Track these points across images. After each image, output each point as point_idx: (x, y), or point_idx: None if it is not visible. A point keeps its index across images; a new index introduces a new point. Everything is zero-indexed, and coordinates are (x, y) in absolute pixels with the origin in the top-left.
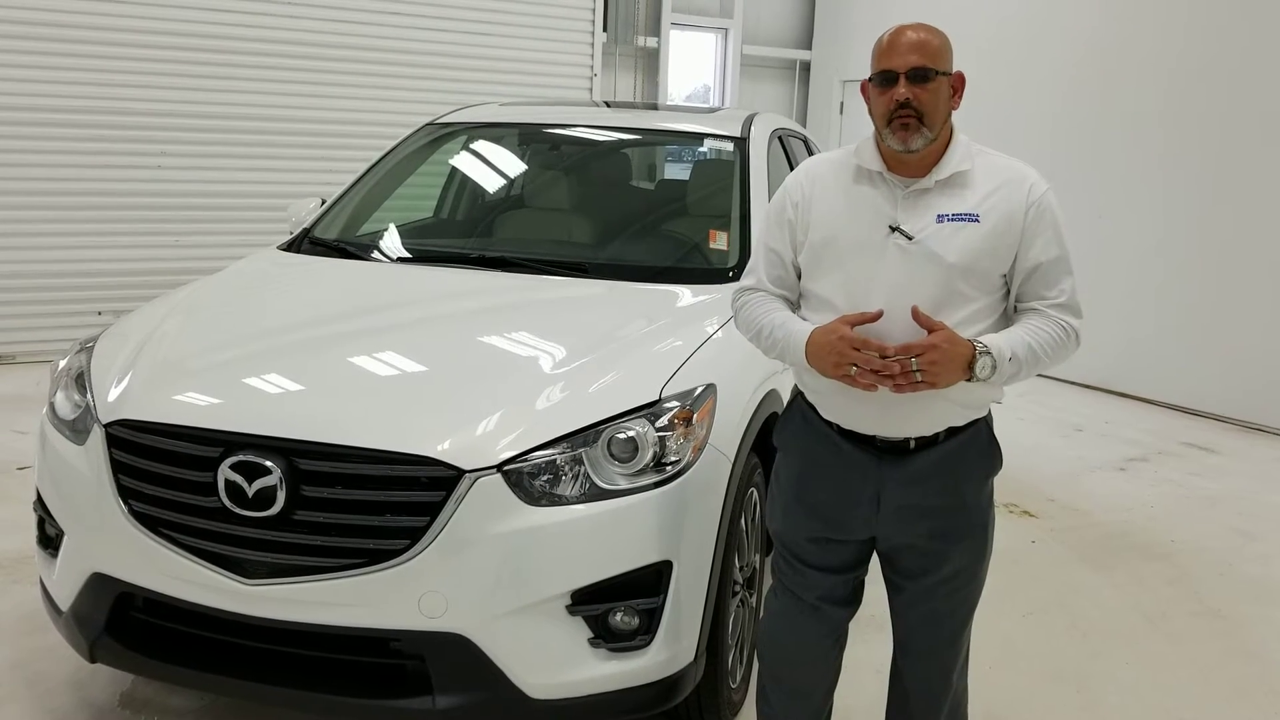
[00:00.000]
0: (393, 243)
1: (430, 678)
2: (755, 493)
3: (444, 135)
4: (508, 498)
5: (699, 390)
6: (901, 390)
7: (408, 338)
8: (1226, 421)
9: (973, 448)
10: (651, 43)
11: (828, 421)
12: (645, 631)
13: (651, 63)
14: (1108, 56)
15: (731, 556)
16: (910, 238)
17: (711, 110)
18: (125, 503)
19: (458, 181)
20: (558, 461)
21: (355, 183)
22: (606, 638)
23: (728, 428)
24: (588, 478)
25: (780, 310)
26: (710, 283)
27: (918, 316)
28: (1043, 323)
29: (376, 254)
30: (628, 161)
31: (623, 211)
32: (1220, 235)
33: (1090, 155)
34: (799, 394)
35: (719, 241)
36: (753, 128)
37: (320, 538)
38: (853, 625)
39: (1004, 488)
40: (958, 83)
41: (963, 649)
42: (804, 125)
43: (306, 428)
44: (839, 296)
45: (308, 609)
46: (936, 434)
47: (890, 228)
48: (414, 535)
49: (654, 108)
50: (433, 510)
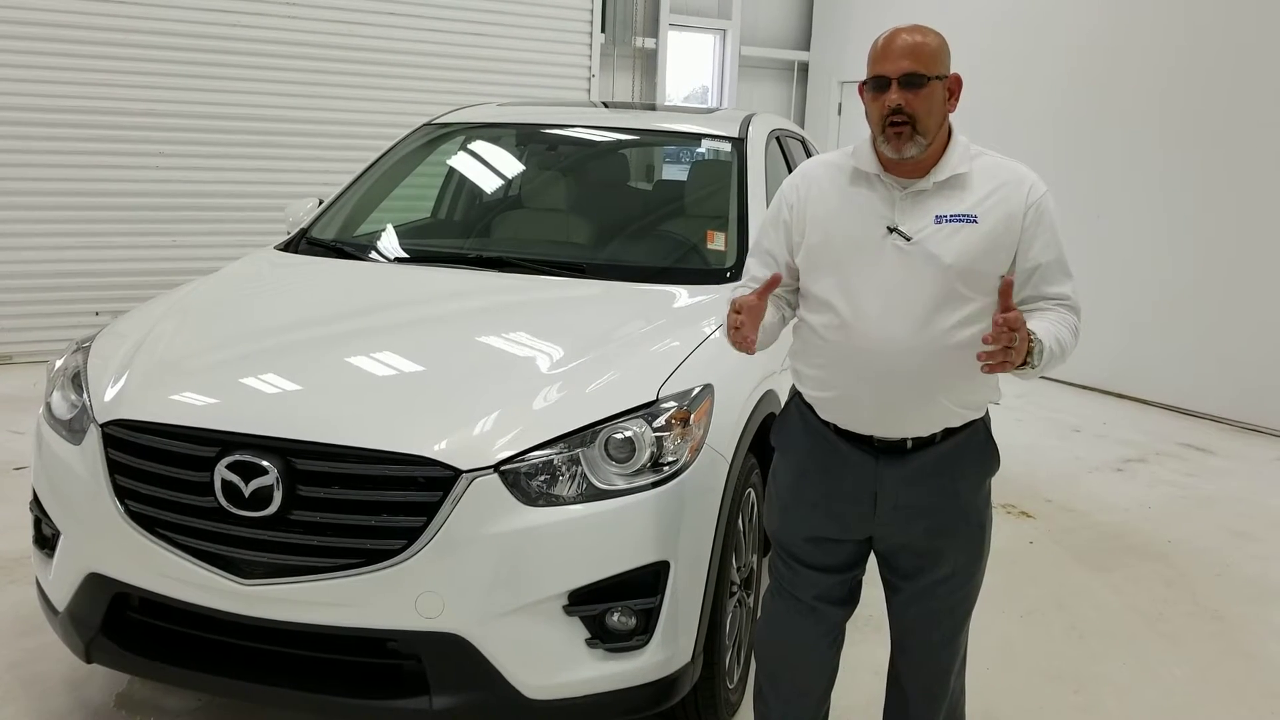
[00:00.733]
0: (390, 243)
1: (427, 678)
2: (752, 493)
3: (441, 135)
4: (505, 498)
5: (696, 391)
6: (994, 370)
7: (405, 338)
8: (1224, 422)
9: (970, 448)
10: (650, 43)
11: (825, 422)
12: (642, 632)
13: (650, 63)
14: (1106, 57)
15: (729, 557)
16: (908, 239)
17: (709, 111)
18: (121, 502)
19: (455, 182)
20: (555, 462)
21: (353, 183)
22: (603, 638)
23: (725, 428)
24: (585, 478)
25: None
26: (708, 283)
27: (1006, 290)
28: (1059, 320)
29: (374, 254)
30: (625, 162)
31: (620, 212)
32: (1218, 236)
33: (1089, 156)
34: (796, 394)
35: (716, 242)
36: (750, 128)
37: (317, 538)
38: (850, 625)
39: (1001, 488)
40: (954, 85)
41: (960, 649)
42: (802, 126)
43: (303, 428)
44: (837, 297)
45: (304, 609)
46: (934, 434)
47: (888, 229)
48: (411, 535)
49: (652, 108)
50: (429, 510)
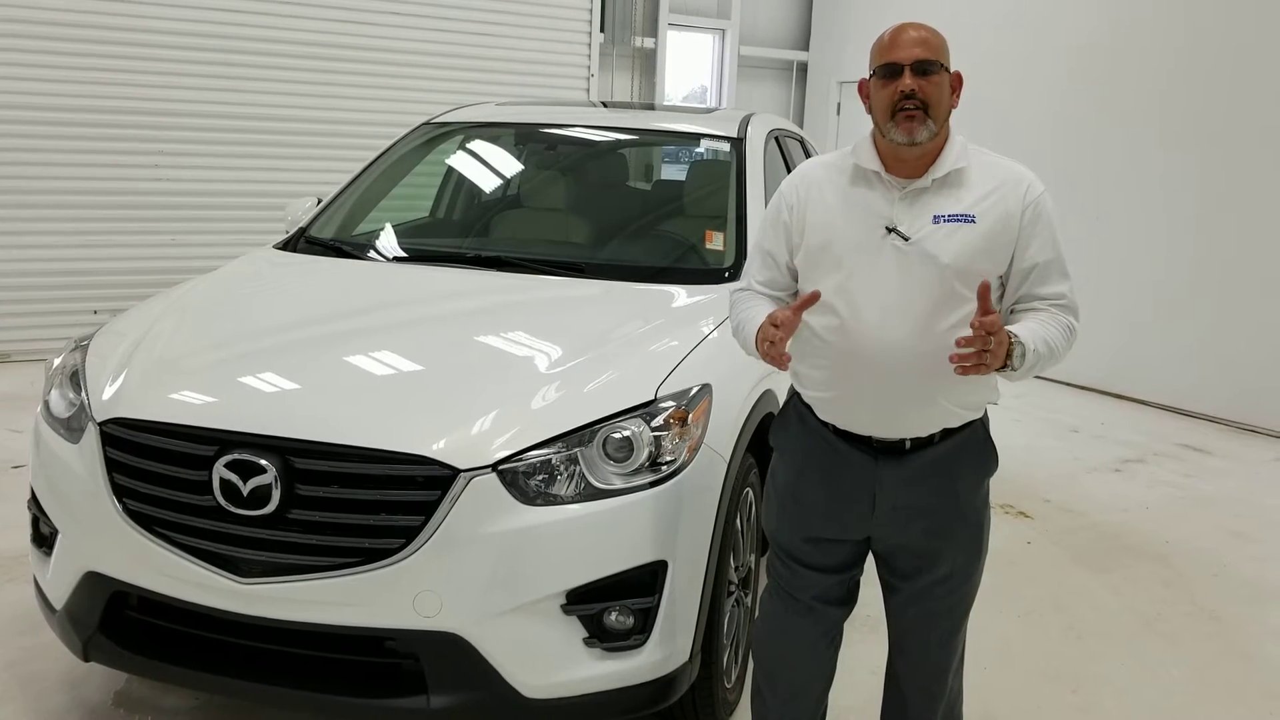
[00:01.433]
0: (389, 242)
1: (425, 677)
2: (750, 493)
3: (440, 135)
4: (503, 497)
5: (694, 390)
6: (968, 372)
7: (403, 337)
8: (1222, 423)
9: (969, 448)
10: (649, 43)
11: (824, 422)
12: (640, 631)
13: (649, 63)
14: (1106, 58)
15: (726, 556)
16: (907, 238)
17: (708, 111)
18: (120, 501)
19: (454, 181)
20: (553, 461)
21: (351, 182)
22: (601, 637)
23: (723, 428)
24: (583, 477)
25: (757, 307)
26: (706, 283)
27: (984, 293)
28: (1050, 320)
29: (372, 253)
30: (624, 162)
31: (619, 212)
32: (1217, 237)
33: (1087, 157)
34: (795, 394)
35: (715, 242)
36: (749, 128)
37: (315, 537)
38: (848, 625)
39: (1000, 489)
40: (956, 82)
41: (958, 649)
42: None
43: (302, 426)
44: (836, 298)
45: (302, 608)
46: (932, 435)
47: (887, 229)
48: (409, 534)
49: (651, 108)
50: (428, 509)
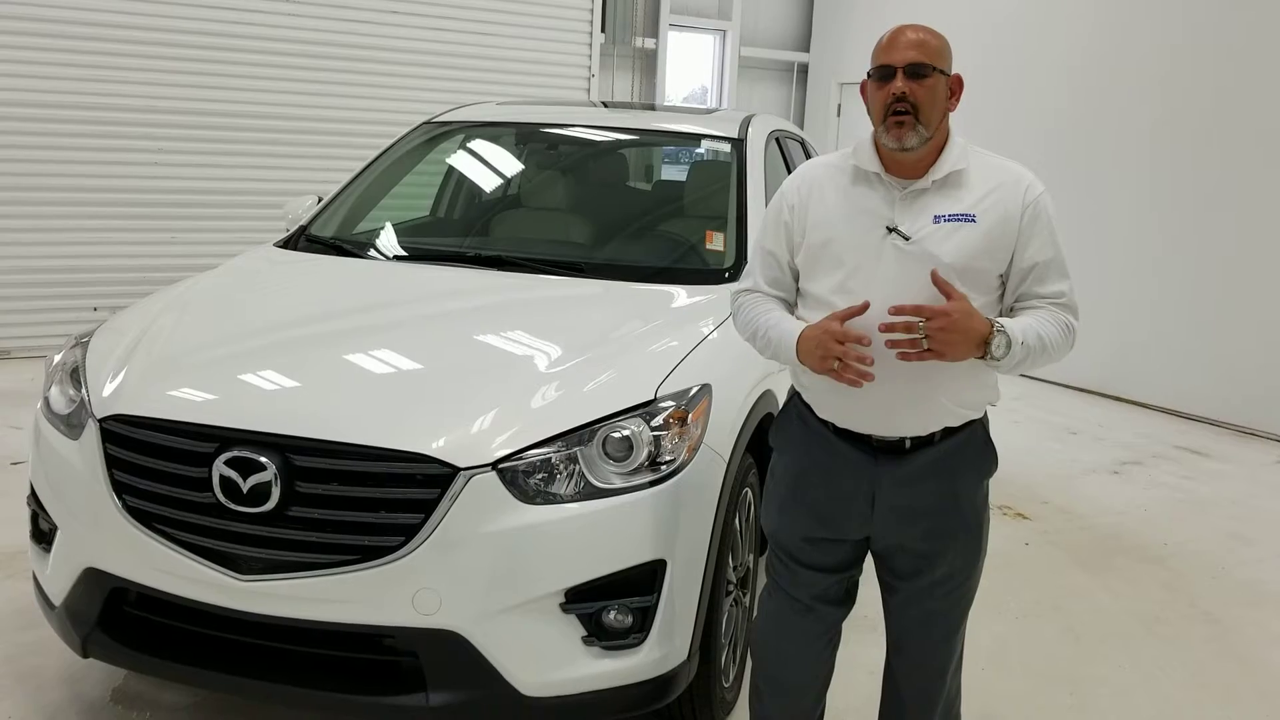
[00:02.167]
0: (389, 241)
1: (424, 674)
2: (750, 493)
3: (441, 134)
4: (502, 496)
5: (694, 390)
6: (907, 359)
7: (404, 335)
8: (1220, 425)
9: (968, 449)
10: (650, 44)
11: (823, 421)
12: (639, 630)
13: (649, 64)
14: (1106, 60)
15: (725, 556)
16: (907, 238)
17: (709, 111)
18: (119, 498)
19: (454, 180)
20: (553, 460)
21: (352, 181)
22: (600, 636)
23: (723, 428)
24: (582, 476)
25: (775, 311)
26: (706, 283)
27: (937, 280)
28: (1048, 318)
29: (373, 252)
30: (625, 162)
31: (619, 212)
32: (1215, 239)
33: (1087, 159)
34: (795, 394)
35: (715, 242)
36: (750, 129)
37: (315, 534)
38: (846, 625)
39: (998, 490)
40: (955, 85)
41: (956, 650)
42: (801, 127)
43: (302, 424)
44: (836, 297)
45: (302, 605)
46: (932, 434)
47: (887, 229)
48: (408, 532)
49: (651, 108)
50: (427, 507)
